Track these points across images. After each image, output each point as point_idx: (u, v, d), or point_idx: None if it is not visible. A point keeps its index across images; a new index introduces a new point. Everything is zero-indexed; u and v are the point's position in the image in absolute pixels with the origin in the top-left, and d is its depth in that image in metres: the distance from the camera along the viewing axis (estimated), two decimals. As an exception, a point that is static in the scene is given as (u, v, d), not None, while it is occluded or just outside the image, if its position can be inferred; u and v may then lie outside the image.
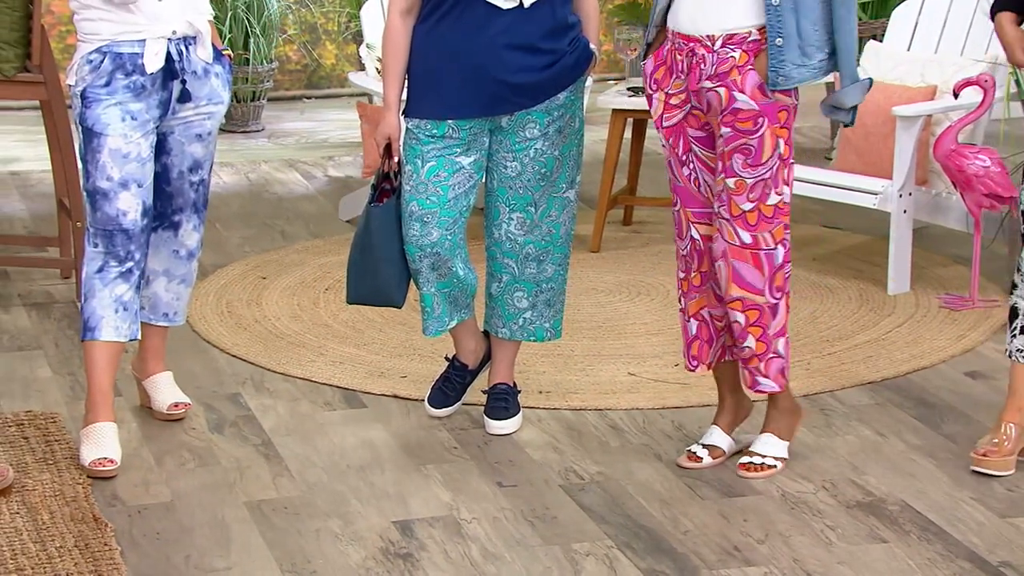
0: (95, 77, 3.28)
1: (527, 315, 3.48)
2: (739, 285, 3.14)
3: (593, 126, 6.28)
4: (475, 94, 3.25)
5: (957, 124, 4.23)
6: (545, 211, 3.40)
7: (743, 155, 3.09)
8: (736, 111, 3.07)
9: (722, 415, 3.35)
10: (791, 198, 3.16)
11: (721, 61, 3.06)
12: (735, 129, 3.08)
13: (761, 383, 3.21)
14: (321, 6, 7.27)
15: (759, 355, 3.18)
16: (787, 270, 3.16)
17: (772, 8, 3.02)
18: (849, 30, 3.05)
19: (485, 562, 2.92)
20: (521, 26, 3.23)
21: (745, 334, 3.16)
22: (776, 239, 3.13)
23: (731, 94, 3.06)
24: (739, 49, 3.05)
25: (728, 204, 3.11)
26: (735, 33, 3.06)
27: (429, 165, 3.29)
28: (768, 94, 3.06)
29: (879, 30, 5.65)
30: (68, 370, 3.92)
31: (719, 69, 3.06)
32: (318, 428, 3.57)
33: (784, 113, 3.09)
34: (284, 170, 6.03)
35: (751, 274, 3.13)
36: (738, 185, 3.10)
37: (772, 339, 3.17)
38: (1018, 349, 3.24)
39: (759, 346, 3.17)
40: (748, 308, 3.14)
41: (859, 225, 5.04)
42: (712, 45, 3.07)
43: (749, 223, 3.10)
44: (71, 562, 2.89)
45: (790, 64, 3.04)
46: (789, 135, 3.12)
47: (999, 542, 2.97)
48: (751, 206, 3.10)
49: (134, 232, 3.31)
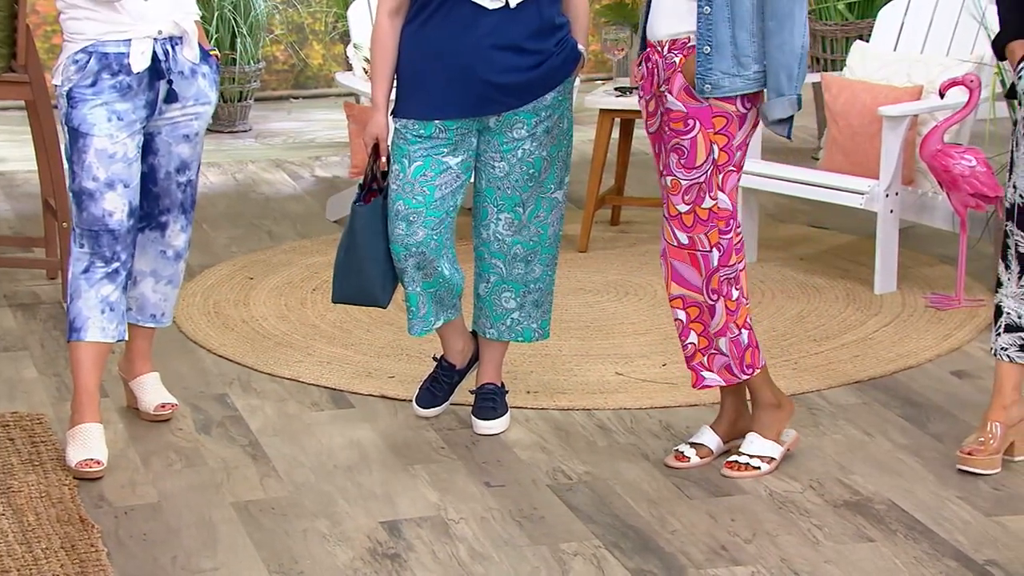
0: (81, 77, 3.27)
1: (515, 315, 3.48)
2: (678, 283, 3.19)
3: (580, 126, 6.26)
4: (462, 94, 3.25)
5: (943, 124, 4.24)
6: (533, 211, 3.40)
7: (676, 154, 3.15)
8: (668, 111, 3.14)
9: (720, 422, 3.36)
10: (730, 206, 3.16)
11: (667, 65, 3.14)
12: (670, 129, 3.15)
13: (705, 378, 3.24)
14: (308, 6, 7.26)
15: (701, 350, 3.22)
16: (723, 273, 3.17)
17: (703, 17, 3.07)
18: (779, 44, 3.06)
19: (473, 562, 2.92)
20: (507, 26, 3.23)
21: (687, 331, 3.21)
22: (711, 242, 3.16)
23: (664, 95, 3.14)
24: (679, 54, 3.12)
25: (667, 204, 3.17)
26: (676, 38, 3.12)
27: (416, 165, 3.29)
28: (698, 98, 3.10)
29: (865, 30, 5.66)
30: (54, 371, 3.90)
31: (666, 73, 3.14)
32: (305, 428, 3.57)
33: (722, 120, 3.12)
34: (271, 170, 6.03)
35: (689, 272, 3.18)
36: (673, 184, 3.16)
37: (713, 336, 3.20)
38: (1003, 348, 3.25)
39: (701, 341, 3.21)
40: (688, 305, 3.20)
41: (846, 225, 5.05)
42: (662, 50, 3.14)
43: (685, 224, 3.15)
44: (57, 564, 2.89)
45: (719, 72, 3.08)
46: (728, 143, 3.13)
47: (985, 541, 2.98)
48: (687, 208, 3.15)
49: (120, 232, 3.30)
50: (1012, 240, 3.24)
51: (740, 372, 3.23)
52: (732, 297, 3.19)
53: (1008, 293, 3.24)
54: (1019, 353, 3.24)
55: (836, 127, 4.64)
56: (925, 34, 4.81)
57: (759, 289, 4.47)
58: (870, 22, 5.55)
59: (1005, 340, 3.24)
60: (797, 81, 3.10)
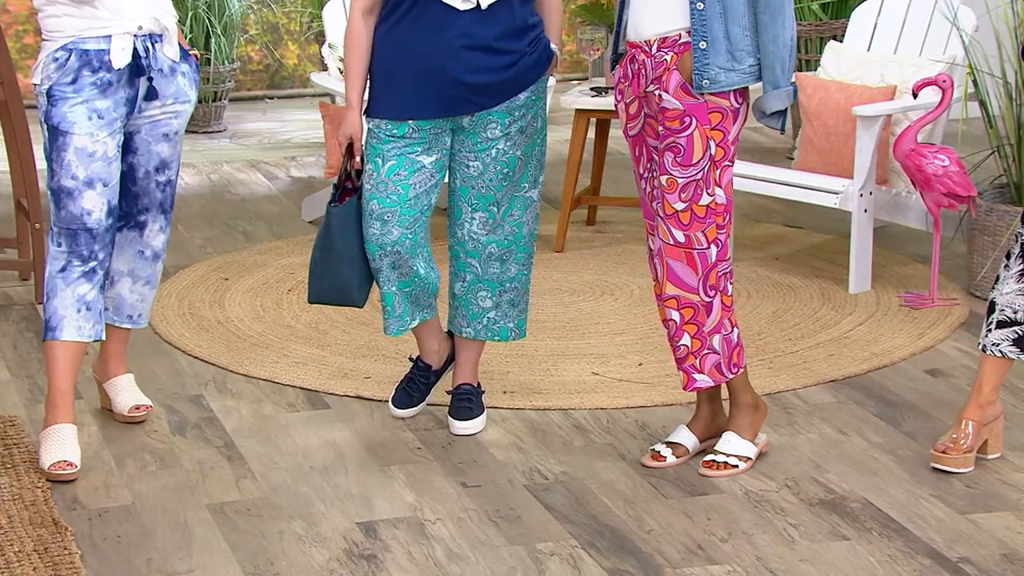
0: (61, 75, 3.25)
1: (491, 315, 3.48)
2: (674, 283, 3.18)
3: (556, 126, 6.29)
4: (434, 95, 3.25)
5: (916, 124, 4.27)
6: (507, 210, 3.40)
7: (673, 153, 3.14)
8: (663, 110, 3.14)
9: (696, 423, 3.36)
10: (726, 200, 3.18)
11: (657, 65, 3.13)
12: (665, 128, 3.15)
13: (697, 380, 3.24)
14: (283, 6, 7.23)
15: (694, 352, 3.22)
16: (721, 269, 3.19)
17: (696, 12, 3.08)
18: (772, 36, 3.08)
19: (449, 563, 2.92)
20: (479, 27, 3.24)
21: (680, 332, 3.20)
22: (709, 239, 3.16)
23: (659, 94, 3.13)
24: (671, 52, 3.12)
25: (662, 202, 3.16)
26: (667, 36, 3.12)
27: (389, 164, 3.30)
28: (695, 95, 3.10)
29: (839, 30, 5.69)
30: (27, 372, 3.88)
31: (656, 72, 3.13)
32: (281, 429, 3.56)
33: (717, 115, 3.13)
34: (246, 171, 6.01)
35: (685, 272, 3.17)
36: (669, 183, 3.15)
37: (707, 336, 3.21)
38: (994, 343, 3.25)
39: (694, 343, 3.21)
40: (683, 306, 3.19)
41: (820, 224, 5.07)
42: (650, 50, 3.13)
43: (682, 222, 3.15)
44: (30, 567, 2.87)
45: (715, 68, 3.09)
46: (724, 138, 3.15)
47: (958, 538, 3.00)
48: (683, 206, 3.15)
49: (98, 231, 3.29)
50: (1022, 240, 3.23)
51: (728, 371, 3.24)
52: (728, 292, 3.21)
53: (1004, 290, 3.24)
54: (1012, 348, 3.24)
55: (810, 127, 4.66)
56: (898, 35, 4.83)
57: (734, 288, 4.48)
58: (844, 22, 5.57)
59: (997, 336, 3.24)
60: (790, 72, 3.12)
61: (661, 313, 3.26)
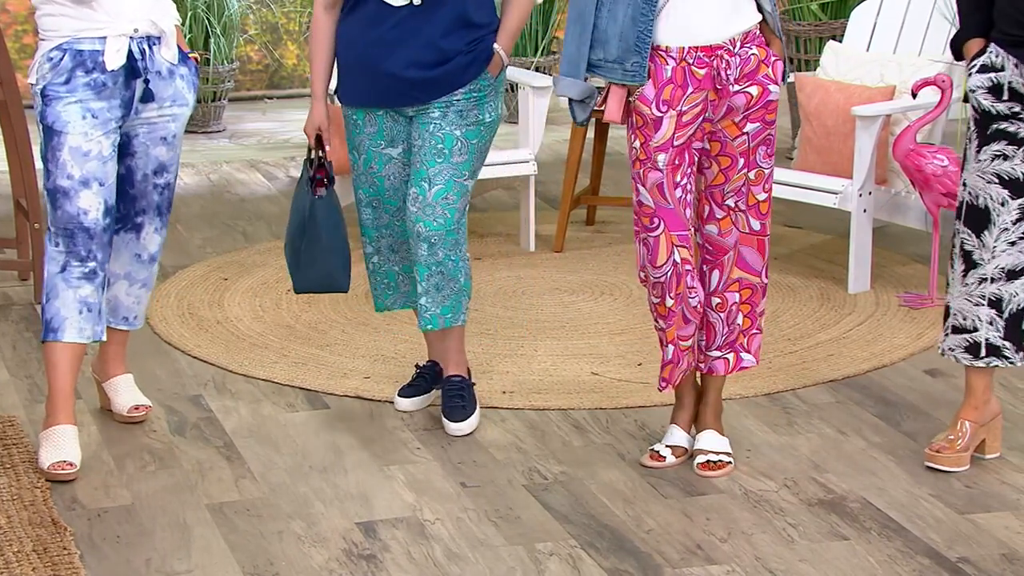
0: (55, 75, 3.25)
1: (422, 300, 3.46)
2: (741, 268, 3.26)
3: (556, 126, 6.29)
4: (371, 85, 3.38)
5: (915, 124, 4.27)
6: (441, 192, 3.38)
7: (766, 146, 3.21)
8: (768, 103, 3.17)
9: (680, 412, 3.36)
10: None
11: (746, 60, 3.13)
12: (763, 122, 3.18)
13: (744, 359, 3.31)
14: (282, 6, 7.24)
15: (745, 330, 3.29)
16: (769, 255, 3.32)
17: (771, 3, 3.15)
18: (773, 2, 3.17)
19: (448, 563, 2.92)
20: (414, 23, 3.32)
21: (736, 312, 3.27)
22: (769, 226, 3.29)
23: (765, 88, 3.15)
24: (753, 45, 3.14)
25: (746, 195, 3.21)
26: (749, 31, 3.14)
27: (363, 156, 3.47)
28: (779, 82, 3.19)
29: (839, 30, 5.69)
30: (26, 373, 3.88)
31: (745, 69, 3.13)
32: (280, 429, 3.56)
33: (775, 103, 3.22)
34: (246, 171, 6.01)
35: (753, 257, 3.25)
36: (758, 176, 3.21)
37: (758, 316, 3.30)
38: (950, 348, 3.26)
39: (746, 322, 3.29)
40: (744, 287, 3.27)
41: (820, 224, 5.07)
42: (734, 48, 3.12)
43: (761, 212, 3.24)
44: (29, 567, 2.87)
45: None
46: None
47: (957, 538, 3.00)
48: (764, 196, 3.23)
49: (95, 231, 3.29)
50: (958, 238, 3.25)
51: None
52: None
53: (955, 293, 3.25)
54: (965, 355, 3.24)
55: (810, 127, 4.66)
56: (897, 34, 4.83)
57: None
58: (843, 22, 5.57)
59: (952, 341, 3.25)
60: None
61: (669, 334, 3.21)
